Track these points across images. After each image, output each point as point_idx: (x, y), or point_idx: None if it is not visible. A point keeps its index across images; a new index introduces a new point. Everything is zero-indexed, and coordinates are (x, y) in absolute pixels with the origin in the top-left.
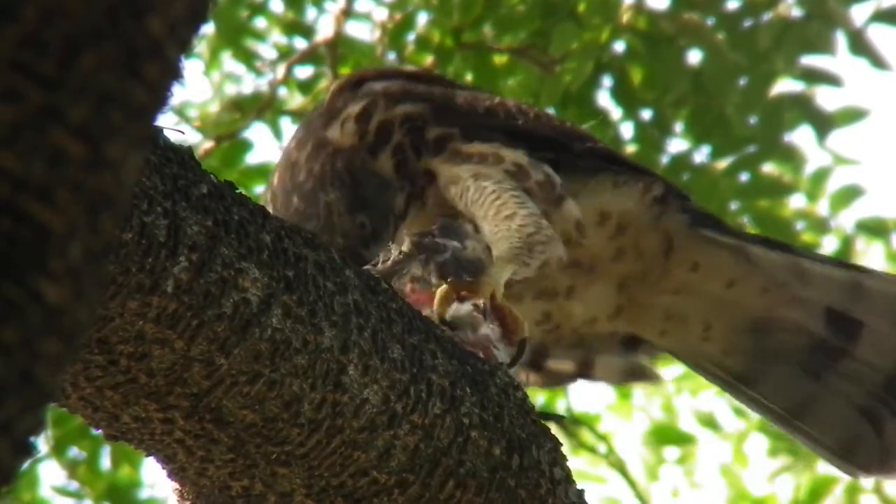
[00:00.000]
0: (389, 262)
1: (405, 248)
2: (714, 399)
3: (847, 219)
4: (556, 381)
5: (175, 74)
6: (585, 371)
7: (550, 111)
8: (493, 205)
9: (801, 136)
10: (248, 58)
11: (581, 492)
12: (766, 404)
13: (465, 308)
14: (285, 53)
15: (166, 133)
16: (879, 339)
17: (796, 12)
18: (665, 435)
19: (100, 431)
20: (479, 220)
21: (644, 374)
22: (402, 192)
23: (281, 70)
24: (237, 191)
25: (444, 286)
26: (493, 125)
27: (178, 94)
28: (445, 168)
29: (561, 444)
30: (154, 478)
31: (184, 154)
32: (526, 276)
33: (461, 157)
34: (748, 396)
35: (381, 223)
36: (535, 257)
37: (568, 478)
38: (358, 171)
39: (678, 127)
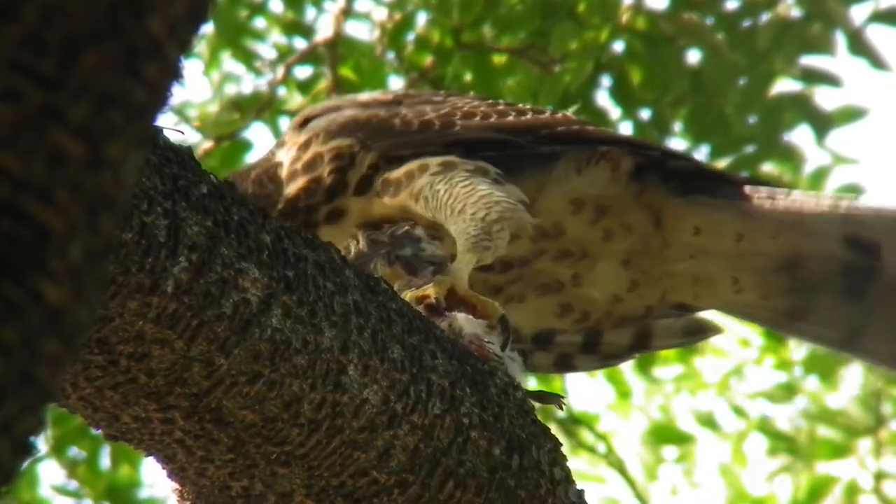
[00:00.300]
0: (352, 256)
1: (362, 244)
2: (713, 399)
3: None
4: (614, 358)
5: (175, 74)
6: (644, 342)
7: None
8: (447, 205)
9: (801, 136)
10: (248, 58)
11: (581, 492)
12: (823, 334)
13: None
14: (285, 53)
15: (166, 133)
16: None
17: (796, 12)
18: (664, 434)
19: (99, 431)
20: (444, 225)
21: (705, 329)
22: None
23: (280, 70)
24: (237, 191)
25: (407, 297)
26: (428, 139)
27: (177, 93)
28: (387, 202)
29: (561, 445)
30: (154, 477)
31: (184, 154)
32: (498, 254)
33: (392, 185)
34: (802, 331)
35: None
36: (495, 237)
37: (568, 478)
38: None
39: (677, 126)
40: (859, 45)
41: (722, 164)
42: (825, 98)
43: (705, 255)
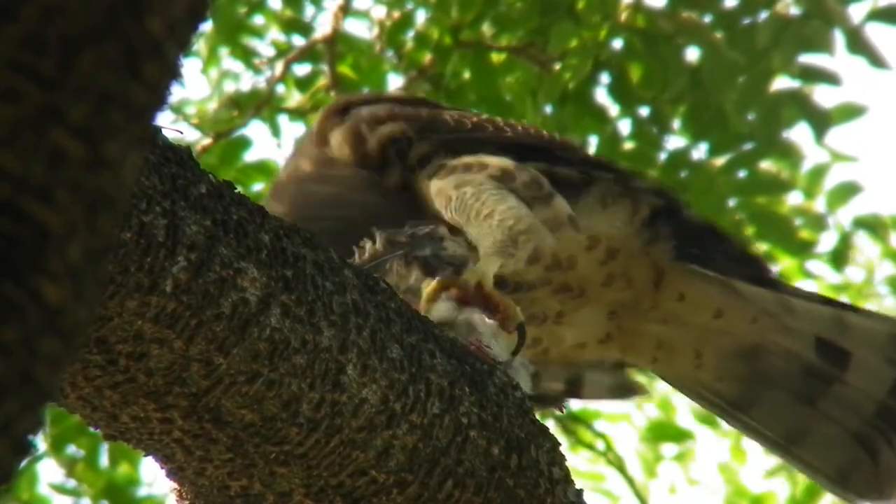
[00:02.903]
0: (366, 257)
1: (378, 244)
2: None
3: (845, 216)
4: (546, 402)
5: (174, 74)
6: (574, 390)
7: (548, 110)
8: (472, 208)
9: (799, 133)
10: (247, 55)
11: (580, 491)
12: (762, 430)
13: (455, 311)
14: (283, 51)
15: (165, 132)
16: (868, 369)
17: (794, 10)
18: (663, 432)
19: (98, 430)
20: (464, 226)
21: (632, 389)
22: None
23: (279, 67)
24: (236, 190)
25: (432, 285)
26: (483, 138)
27: (176, 91)
28: (431, 184)
29: (559, 444)
30: (153, 476)
31: (182, 154)
32: (517, 267)
33: (446, 170)
34: (744, 423)
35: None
36: (520, 247)
37: (566, 477)
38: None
39: (676, 123)
40: (858, 44)
41: (720, 161)
42: (824, 96)
43: (679, 323)
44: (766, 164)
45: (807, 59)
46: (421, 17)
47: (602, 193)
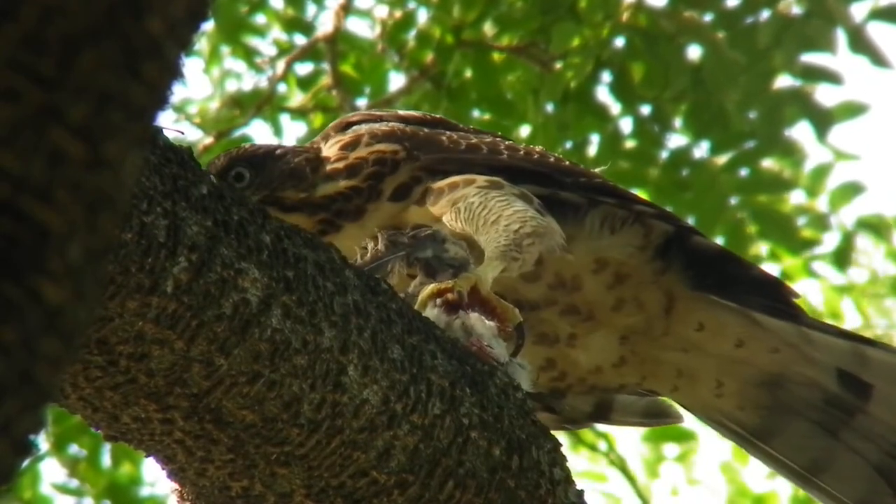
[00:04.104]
0: (368, 258)
1: (380, 245)
2: None
3: (847, 215)
4: (573, 423)
5: (175, 74)
6: (604, 413)
7: (549, 108)
8: (480, 216)
9: (802, 132)
10: (248, 54)
11: (581, 492)
12: (783, 460)
13: (444, 318)
14: (285, 50)
15: (166, 133)
16: (889, 401)
17: (796, 10)
18: (665, 432)
19: (99, 431)
20: (474, 236)
21: (664, 413)
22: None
23: (281, 66)
24: (236, 191)
25: (427, 290)
26: (475, 160)
27: (178, 91)
28: (423, 211)
29: (560, 445)
30: (154, 476)
31: (183, 154)
32: (524, 270)
33: (435, 194)
34: (765, 452)
35: None
36: (524, 251)
37: (568, 478)
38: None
39: (677, 122)
40: (860, 43)
41: (722, 159)
42: (826, 95)
43: (699, 352)
44: (768, 163)
45: (809, 58)
46: (423, 16)
47: (604, 217)
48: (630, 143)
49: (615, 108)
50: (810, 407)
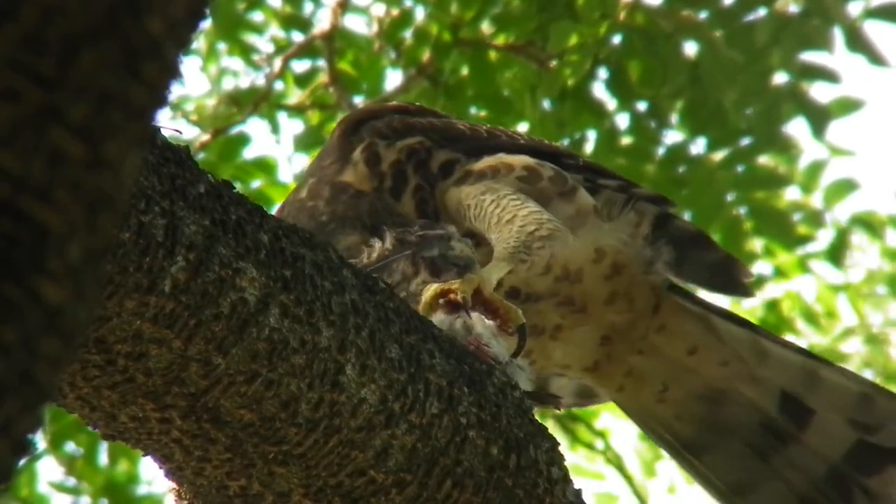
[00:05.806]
0: (375, 257)
1: (388, 243)
2: None
3: (842, 212)
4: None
5: (174, 74)
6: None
7: (546, 105)
8: (493, 214)
9: (797, 128)
10: (245, 51)
11: (579, 491)
12: (710, 477)
13: (450, 320)
14: (282, 47)
15: (164, 132)
16: (828, 429)
17: (793, 8)
18: None
19: (97, 430)
20: (485, 233)
21: (595, 394)
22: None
23: (278, 64)
24: (234, 190)
25: (430, 290)
26: (497, 145)
27: (175, 89)
28: (461, 191)
29: (558, 444)
30: (152, 474)
31: (181, 153)
32: (533, 272)
33: (473, 176)
34: (693, 466)
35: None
36: (534, 253)
37: (565, 477)
38: (380, 214)
39: (674, 118)
40: (857, 41)
41: (718, 156)
42: (823, 94)
43: (653, 354)
44: (764, 159)
45: (806, 56)
46: (420, 14)
47: (606, 202)
48: (627, 140)
49: (612, 104)
50: (746, 429)
